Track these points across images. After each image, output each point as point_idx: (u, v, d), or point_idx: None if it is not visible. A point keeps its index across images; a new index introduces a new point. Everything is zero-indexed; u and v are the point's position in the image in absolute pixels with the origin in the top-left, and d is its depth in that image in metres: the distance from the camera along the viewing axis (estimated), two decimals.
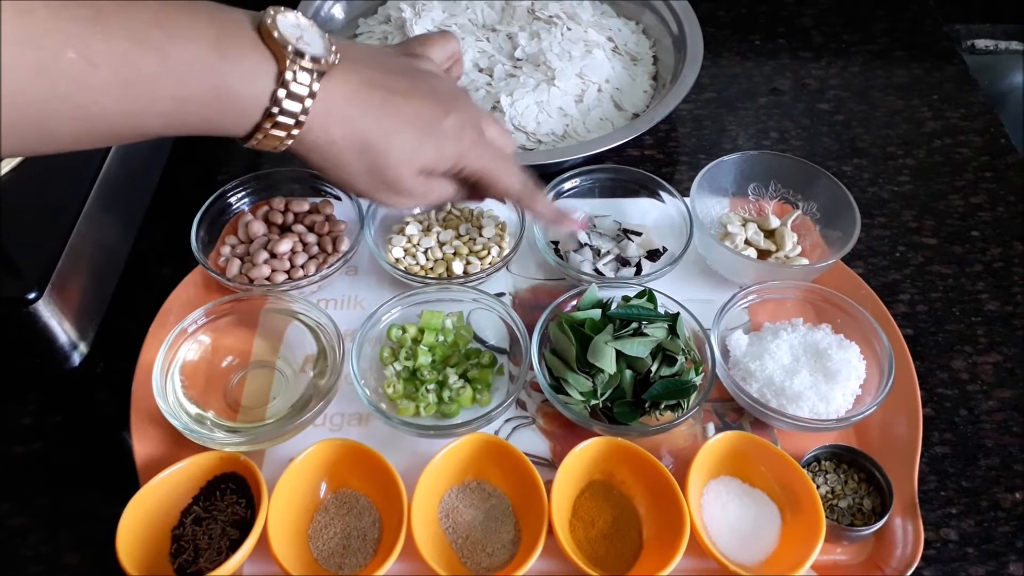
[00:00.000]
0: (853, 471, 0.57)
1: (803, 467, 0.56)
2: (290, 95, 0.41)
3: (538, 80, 0.80)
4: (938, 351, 0.67)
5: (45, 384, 0.62)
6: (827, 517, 0.53)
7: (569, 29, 0.85)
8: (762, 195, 0.73)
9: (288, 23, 0.42)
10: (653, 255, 0.69)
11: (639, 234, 0.70)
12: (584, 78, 0.82)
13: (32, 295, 0.56)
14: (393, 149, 0.46)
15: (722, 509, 0.55)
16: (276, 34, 0.41)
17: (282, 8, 0.42)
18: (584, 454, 0.55)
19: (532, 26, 0.86)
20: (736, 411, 0.61)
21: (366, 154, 0.46)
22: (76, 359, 0.62)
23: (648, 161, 0.81)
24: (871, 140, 0.83)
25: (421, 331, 0.63)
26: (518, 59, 0.84)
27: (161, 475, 0.53)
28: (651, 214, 0.72)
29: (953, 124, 0.85)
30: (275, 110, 0.41)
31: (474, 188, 0.53)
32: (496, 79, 0.82)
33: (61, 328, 0.60)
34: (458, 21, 0.87)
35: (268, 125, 0.42)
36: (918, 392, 0.60)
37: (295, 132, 0.43)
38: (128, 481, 0.55)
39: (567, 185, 0.71)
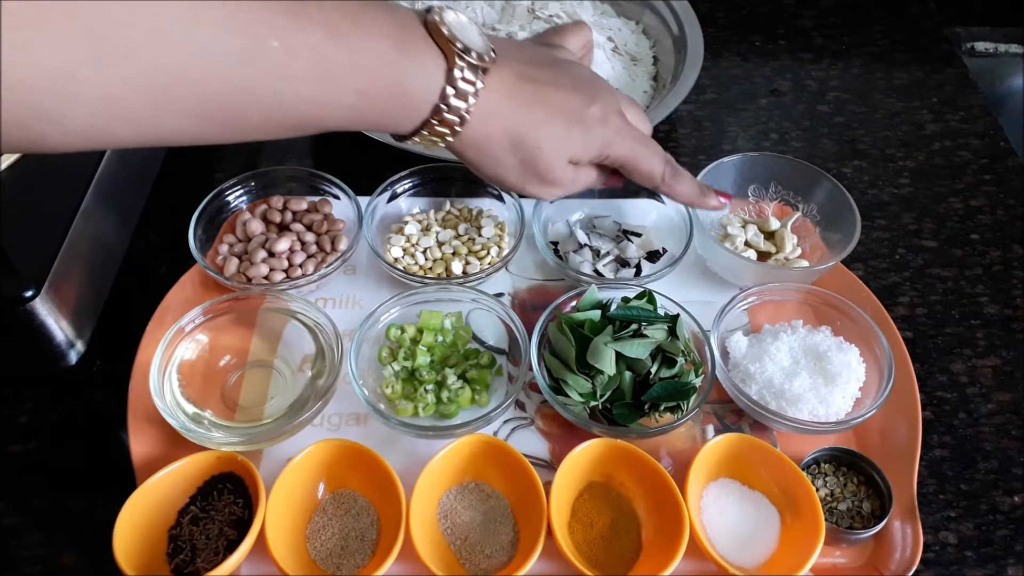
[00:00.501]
0: (852, 474, 0.57)
1: (802, 470, 0.56)
2: (457, 92, 0.42)
3: None
4: (937, 354, 0.67)
5: (42, 383, 0.62)
6: (826, 520, 0.52)
7: None
8: (762, 197, 0.73)
9: (452, 20, 0.43)
10: (653, 256, 0.69)
11: (639, 235, 0.70)
12: None
13: (29, 293, 0.56)
14: (545, 140, 0.47)
15: (721, 511, 0.55)
16: (445, 31, 0.42)
17: (443, 5, 0.43)
18: (583, 456, 0.55)
19: (532, 26, 0.86)
20: (735, 413, 0.61)
21: (519, 148, 0.47)
22: (73, 357, 0.62)
23: None
24: (871, 142, 0.83)
25: (420, 331, 0.63)
26: None
27: (158, 475, 0.53)
28: (651, 215, 0.72)
29: (953, 127, 0.85)
30: (443, 106, 0.42)
31: (614, 171, 0.54)
32: None
33: (58, 326, 0.59)
34: None
35: (435, 122, 0.43)
36: (917, 395, 0.60)
37: (459, 129, 0.44)
38: (125, 481, 0.55)
39: None
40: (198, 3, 0.34)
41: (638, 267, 0.68)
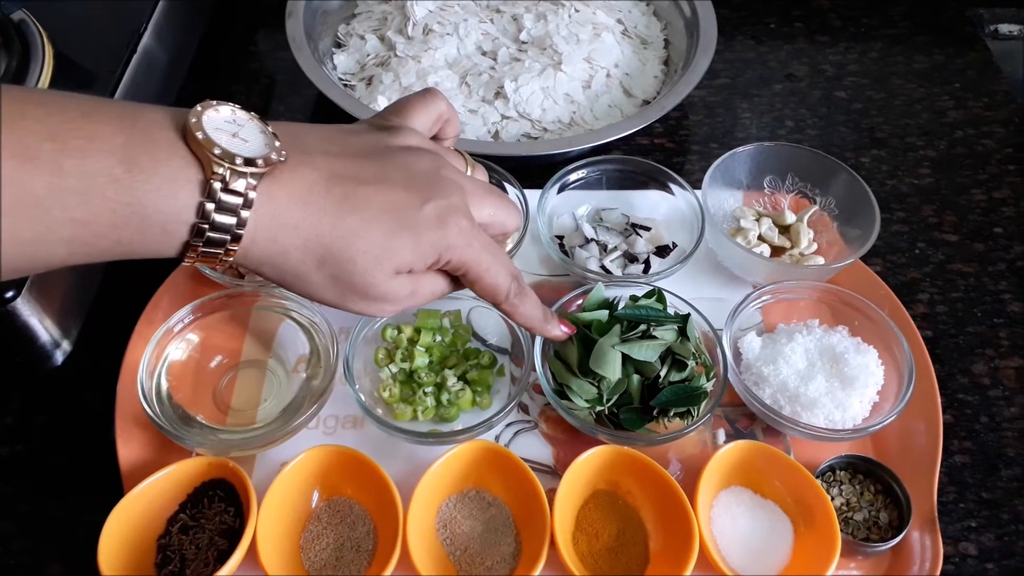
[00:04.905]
0: (869, 482, 0.55)
1: (817, 477, 0.53)
2: (220, 207, 0.35)
3: (544, 64, 0.77)
4: (958, 354, 0.64)
5: (27, 384, 0.60)
6: (842, 531, 0.50)
7: (577, 11, 0.81)
8: (778, 188, 0.70)
9: (217, 120, 0.36)
10: (662, 251, 0.66)
11: (648, 228, 0.67)
12: (592, 62, 0.79)
13: (10, 294, 0.53)
14: (359, 252, 0.39)
15: (732, 522, 0.53)
16: (200, 135, 0.35)
17: (214, 102, 0.37)
18: (588, 463, 0.53)
19: (538, 7, 0.82)
20: (747, 416, 0.59)
21: (328, 262, 0.39)
22: (59, 358, 0.60)
23: (658, 150, 0.78)
24: (890, 130, 0.80)
25: (417, 331, 0.60)
26: (523, 42, 0.80)
27: (146, 482, 0.51)
28: (661, 207, 0.69)
29: (976, 114, 0.82)
30: (204, 225, 0.35)
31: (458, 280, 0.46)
32: (500, 63, 0.79)
33: (42, 326, 0.57)
34: (461, 1, 0.83)
35: (199, 243, 0.36)
36: (938, 399, 0.58)
37: (233, 248, 0.37)
38: (114, 486, 0.53)
39: (573, 176, 0.68)
40: None
41: (647, 263, 0.65)
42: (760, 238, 0.67)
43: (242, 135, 0.36)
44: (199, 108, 0.36)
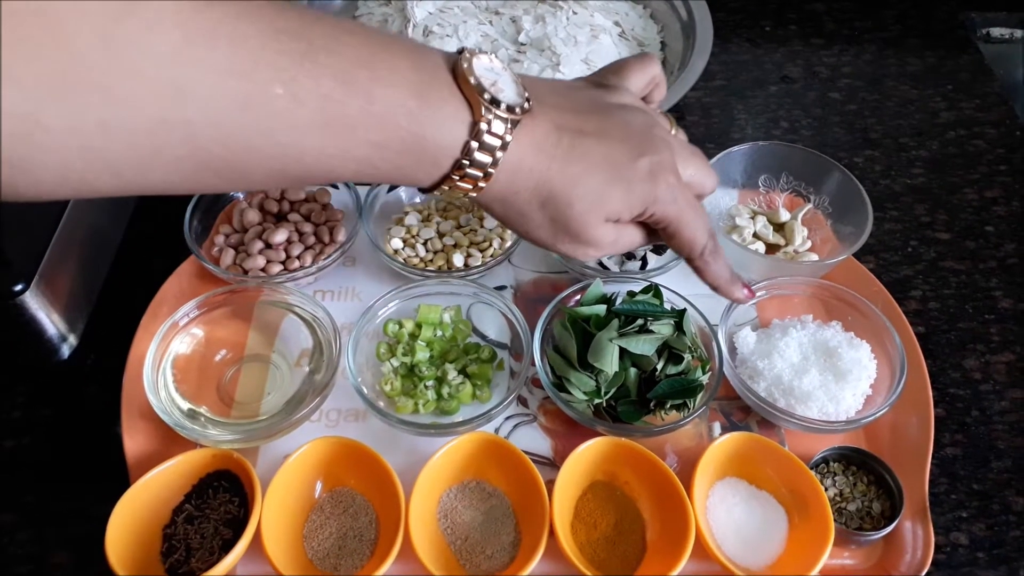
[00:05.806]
0: (862, 473, 0.56)
1: (811, 469, 0.54)
2: (482, 146, 0.39)
3: (542, 66, 0.78)
4: (950, 350, 0.65)
5: (34, 377, 0.61)
6: (835, 521, 0.51)
7: (575, 13, 0.83)
8: (773, 187, 0.71)
9: (483, 67, 0.39)
10: (659, 248, 0.67)
11: None
12: (590, 64, 0.80)
13: (19, 287, 0.54)
14: (579, 198, 0.43)
15: (728, 512, 0.54)
16: (472, 80, 0.38)
17: (477, 51, 0.40)
18: (586, 454, 0.54)
19: (537, 9, 0.83)
20: (743, 410, 0.60)
21: (550, 204, 0.43)
22: (65, 352, 0.61)
23: None
24: (883, 131, 0.81)
25: (418, 326, 0.61)
26: (522, 44, 0.81)
27: (152, 472, 0.52)
28: None
29: (968, 115, 0.83)
30: (465, 161, 0.39)
31: (654, 232, 0.48)
32: None
33: (49, 320, 0.58)
34: (460, 3, 0.84)
35: (456, 177, 0.39)
36: (930, 393, 0.59)
37: (482, 184, 0.40)
38: (119, 477, 0.54)
39: None
40: (191, 41, 0.30)
41: (644, 260, 0.66)
42: (755, 235, 0.68)
43: (500, 83, 0.39)
44: (467, 54, 0.39)
